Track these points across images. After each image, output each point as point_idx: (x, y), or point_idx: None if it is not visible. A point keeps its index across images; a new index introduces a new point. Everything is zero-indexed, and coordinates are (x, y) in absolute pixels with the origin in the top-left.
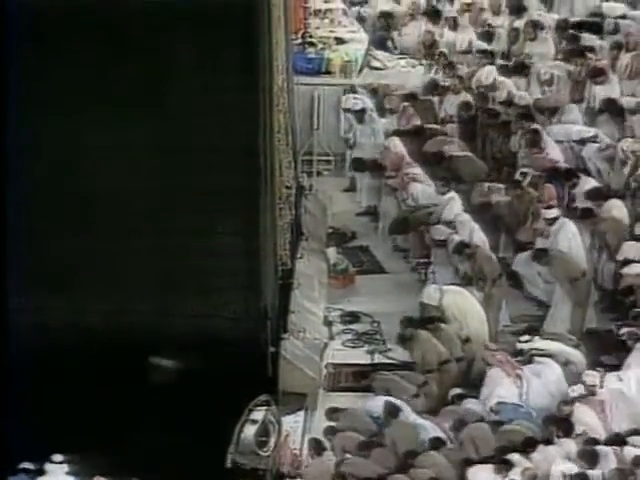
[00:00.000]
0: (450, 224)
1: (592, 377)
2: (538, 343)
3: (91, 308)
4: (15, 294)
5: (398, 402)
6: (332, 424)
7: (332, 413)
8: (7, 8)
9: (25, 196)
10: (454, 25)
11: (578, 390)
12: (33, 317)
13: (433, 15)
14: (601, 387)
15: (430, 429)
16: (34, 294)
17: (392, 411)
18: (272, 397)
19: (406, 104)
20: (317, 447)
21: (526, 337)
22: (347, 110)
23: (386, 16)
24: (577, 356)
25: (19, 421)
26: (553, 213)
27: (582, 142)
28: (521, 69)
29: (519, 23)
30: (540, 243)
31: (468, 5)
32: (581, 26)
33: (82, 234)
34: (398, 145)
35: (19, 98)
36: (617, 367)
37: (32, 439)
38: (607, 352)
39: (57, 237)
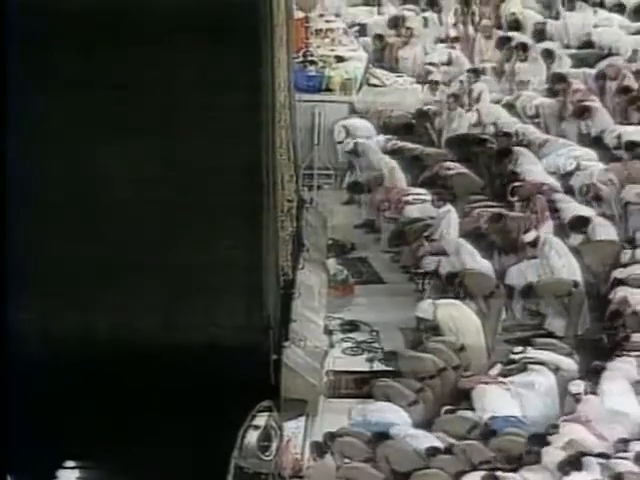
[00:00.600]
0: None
1: (577, 386)
2: (531, 353)
3: (99, 319)
4: (25, 307)
5: (389, 417)
6: (331, 430)
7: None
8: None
9: (34, 210)
10: (448, 62)
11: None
12: (43, 329)
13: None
14: (586, 394)
15: (423, 438)
16: (44, 307)
17: (380, 436)
18: (274, 403)
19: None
20: (319, 449)
21: (520, 348)
22: (341, 142)
23: (380, 39)
24: (569, 364)
25: (25, 431)
26: (531, 236)
27: (569, 174)
28: (509, 107)
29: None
30: (528, 270)
31: (457, 38)
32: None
33: (91, 248)
34: (389, 163)
35: (26, 117)
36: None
37: (37, 448)
38: (599, 358)
39: (66, 251)
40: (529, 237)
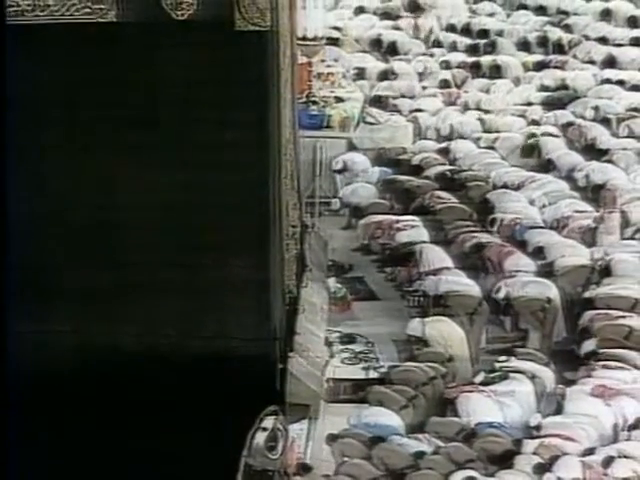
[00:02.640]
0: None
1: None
2: (513, 363)
3: (123, 331)
4: (56, 320)
5: (383, 420)
6: (332, 432)
7: (330, 439)
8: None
9: (63, 229)
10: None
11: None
12: (73, 340)
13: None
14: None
15: (413, 444)
16: (74, 319)
17: (376, 440)
18: (280, 407)
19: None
20: (304, 469)
21: (503, 357)
22: (338, 171)
23: (379, 99)
24: (546, 372)
25: (50, 437)
26: (502, 294)
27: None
28: (490, 148)
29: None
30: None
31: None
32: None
33: (115, 267)
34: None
35: (44, 142)
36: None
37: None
38: (570, 369)
39: (95, 270)
40: (500, 295)
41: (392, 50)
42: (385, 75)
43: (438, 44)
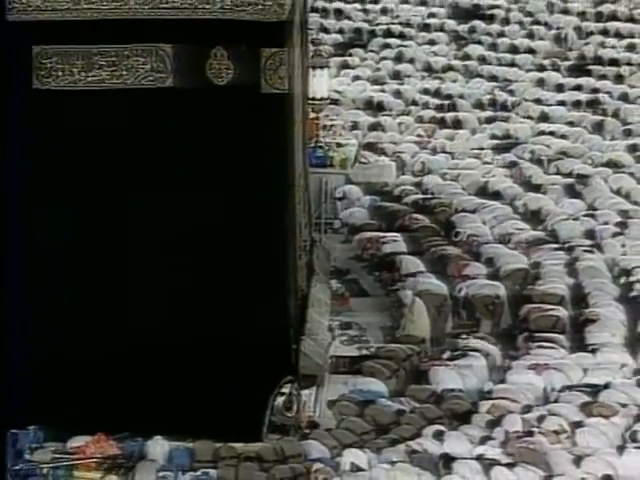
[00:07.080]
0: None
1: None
2: (471, 343)
3: (157, 323)
4: (92, 308)
5: (373, 387)
6: (332, 398)
7: (332, 404)
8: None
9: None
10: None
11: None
12: (105, 331)
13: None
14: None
15: (395, 405)
16: (106, 311)
17: (368, 402)
18: (294, 377)
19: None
20: (313, 424)
21: (463, 340)
22: (339, 199)
23: (369, 145)
24: (495, 351)
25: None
26: (462, 293)
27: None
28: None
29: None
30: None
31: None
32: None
33: (146, 271)
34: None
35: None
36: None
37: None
38: (513, 348)
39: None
40: (461, 295)
41: (380, 108)
42: (374, 127)
43: (414, 103)
